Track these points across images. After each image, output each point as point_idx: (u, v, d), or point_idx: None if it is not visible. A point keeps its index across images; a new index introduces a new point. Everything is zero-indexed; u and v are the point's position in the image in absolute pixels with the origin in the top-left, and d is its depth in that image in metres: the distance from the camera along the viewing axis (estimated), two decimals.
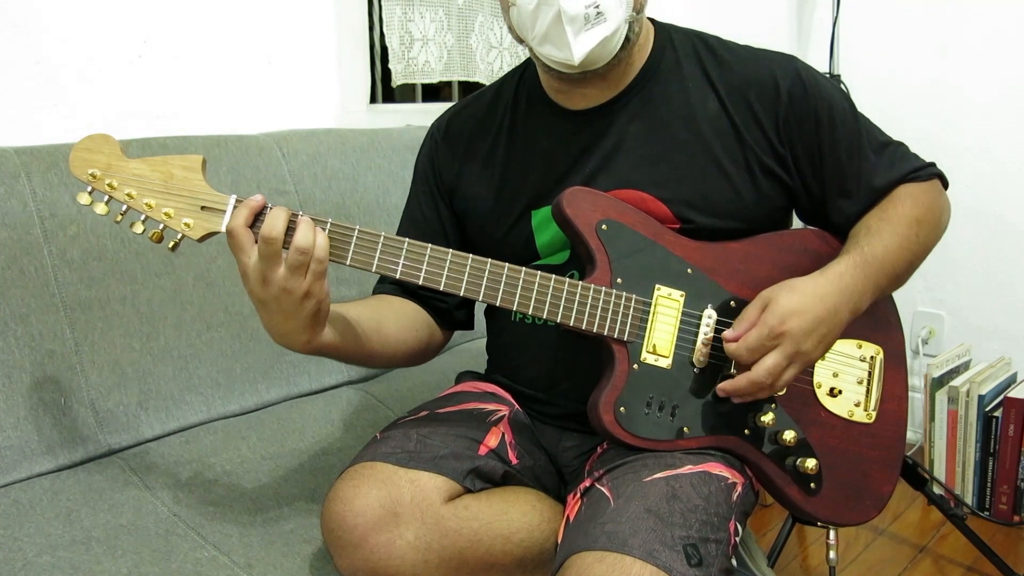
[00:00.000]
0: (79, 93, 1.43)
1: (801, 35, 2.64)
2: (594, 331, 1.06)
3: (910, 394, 1.30)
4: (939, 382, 2.19)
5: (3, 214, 1.20)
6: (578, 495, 1.06)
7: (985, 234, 2.38)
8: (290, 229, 0.96)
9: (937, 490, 2.15)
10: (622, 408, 1.06)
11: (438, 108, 1.51)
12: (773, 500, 1.17)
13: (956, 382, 2.17)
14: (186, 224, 0.98)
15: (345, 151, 1.61)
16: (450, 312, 1.27)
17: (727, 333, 1.07)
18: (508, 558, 1.06)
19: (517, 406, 1.25)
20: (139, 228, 0.99)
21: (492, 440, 1.15)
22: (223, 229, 0.98)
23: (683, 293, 1.10)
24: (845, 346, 1.17)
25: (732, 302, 1.12)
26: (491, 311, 1.30)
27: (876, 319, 1.20)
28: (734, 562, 1.04)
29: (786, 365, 1.05)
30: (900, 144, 1.24)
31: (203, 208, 0.98)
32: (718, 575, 0.95)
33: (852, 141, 1.18)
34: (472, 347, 1.77)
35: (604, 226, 1.09)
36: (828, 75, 2.30)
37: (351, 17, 1.82)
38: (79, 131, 1.40)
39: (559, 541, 1.03)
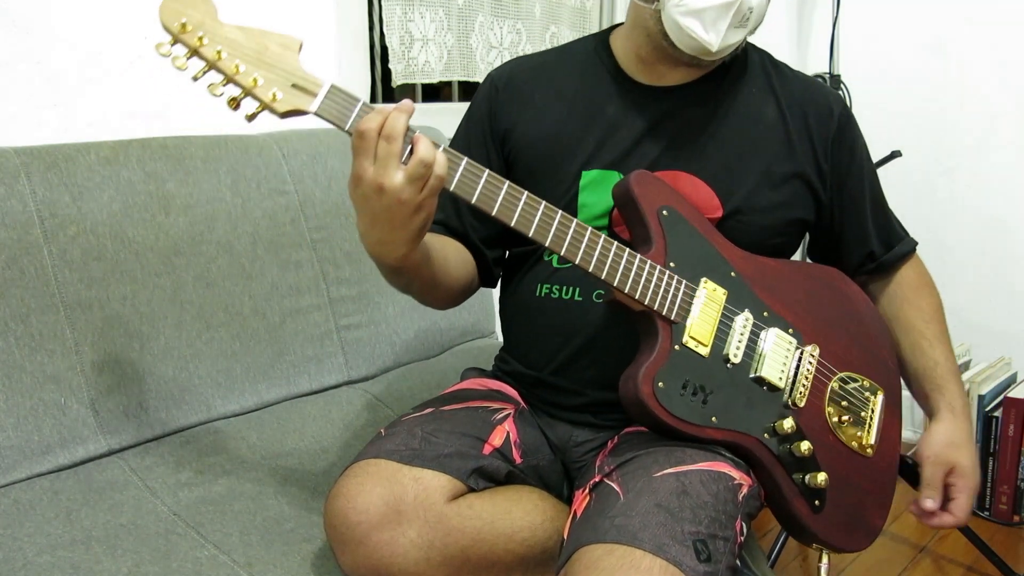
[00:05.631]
0: (79, 93, 1.43)
1: (801, 35, 2.64)
2: (645, 303, 1.08)
3: (911, 395, 1.32)
4: None
5: (3, 214, 1.20)
6: (587, 490, 1.06)
7: (985, 234, 2.38)
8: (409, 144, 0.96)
9: None
10: (660, 383, 1.06)
11: (438, 108, 1.51)
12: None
13: None
14: (274, 95, 0.94)
15: (345, 151, 1.61)
16: (490, 267, 1.29)
17: (928, 504, 1.23)
18: (511, 556, 1.07)
19: (523, 404, 1.25)
20: (218, 91, 0.94)
21: (497, 439, 1.15)
22: (312, 110, 0.96)
23: (726, 292, 1.13)
24: (853, 380, 1.21)
25: (765, 312, 1.16)
26: (514, 289, 1.28)
27: (882, 363, 1.26)
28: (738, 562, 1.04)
29: (970, 484, 1.22)
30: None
31: (294, 86, 0.95)
32: (725, 572, 0.96)
33: (873, 183, 1.30)
34: (473, 346, 1.78)
35: (664, 212, 1.13)
36: (828, 75, 2.30)
37: (351, 17, 1.82)
38: (79, 131, 1.41)
39: (565, 537, 1.03)
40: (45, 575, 1.03)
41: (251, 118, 0.96)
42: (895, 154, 1.94)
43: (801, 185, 1.22)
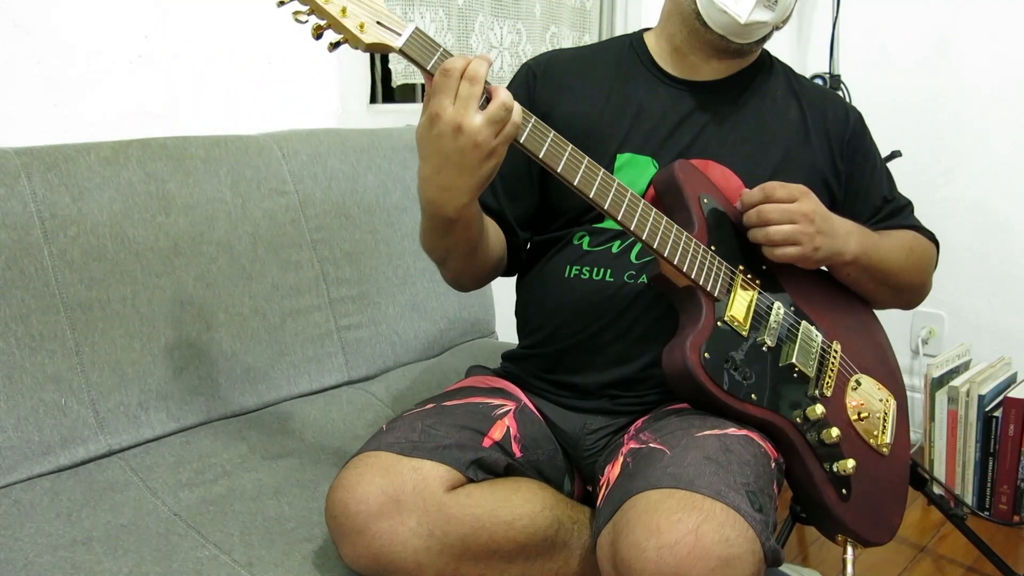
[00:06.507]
0: (79, 93, 1.43)
1: (801, 35, 2.64)
2: (691, 277, 1.11)
3: (910, 394, 1.33)
4: (939, 382, 2.19)
5: (3, 215, 1.20)
6: (620, 458, 1.08)
7: (985, 234, 2.39)
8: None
9: (937, 490, 2.15)
10: (707, 354, 1.08)
11: None
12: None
13: (956, 382, 2.17)
14: (361, 25, 0.94)
15: (345, 151, 1.61)
16: (519, 249, 1.30)
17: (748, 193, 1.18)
18: (510, 544, 1.07)
19: (526, 401, 1.26)
20: (302, 18, 0.95)
21: (497, 433, 1.16)
22: (397, 47, 0.96)
23: (759, 281, 1.18)
24: (870, 383, 1.24)
25: (792, 306, 1.20)
26: (539, 270, 1.28)
27: (891, 373, 1.30)
28: None
29: (795, 214, 1.14)
30: (911, 204, 1.40)
31: (379, 23, 0.95)
32: (772, 526, 0.98)
33: (891, 188, 1.36)
34: (474, 346, 1.78)
35: (705, 199, 1.18)
36: (828, 75, 2.30)
37: None
38: (79, 131, 1.41)
39: (599, 504, 1.04)
40: (46, 575, 1.03)
41: (333, 47, 0.96)
42: (895, 154, 1.94)
43: (818, 182, 1.26)
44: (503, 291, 1.42)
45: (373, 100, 1.94)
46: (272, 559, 1.10)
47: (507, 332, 1.68)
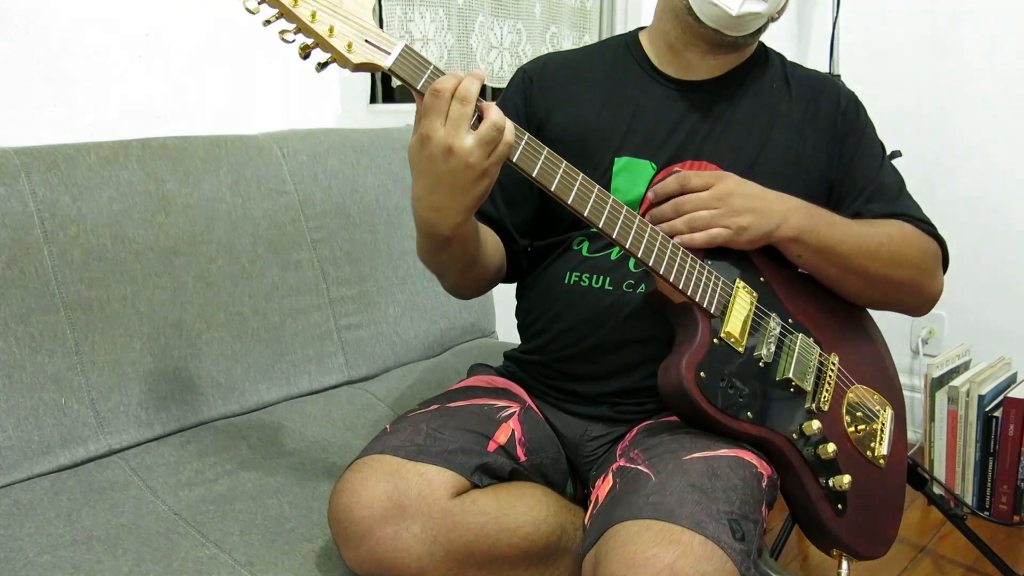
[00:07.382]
0: (79, 93, 1.43)
1: (801, 35, 2.64)
2: (688, 294, 1.10)
3: (911, 395, 1.32)
4: (939, 382, 2.19)
5: (3, 214, 1.20)
6: (609, 475, 1.07)
7: (985, 234, 2.39)
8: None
9: (937, 490, 2.15)
10: (702, 373, 1.08)
11: None
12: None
13: (956, 382, 2.17)
14: (349, 45, 0.93)
15: (345, 151, 1.62)
16: (519, 256, 1.29)
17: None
18: (514, 551, 1.07)
19: (530, 403, 1.26)
20: (289, 37, 0.93)
21: (501, 436, 1.15)
22: (386, 66, 0.95)
23: (756, 294, 1.17)
24: (868, 394, 1.24)
25: (790, 319, 1.19)
26: (538, 276, 1.28)
27: (889, 381, 1.29)
28: None
29: (710, 201, 1.14)
30: (903, 191, 1.34)
31: (367, 41, 0.94)
32: (755, 553, 0.97)
33: (886, 170, 1.30)
34: (474, 346, 1.78)
35: None
36: (828, 75, 2.30)
37: None
38: (79, 131, 1.41)
39: (587, 523, 1.03)
40: (46, 575, 1.03)
41: (321, 67, 0.96)
42: (895, 154, 1.94)
43: (815, 176, 1.25)
44: (503, 291, 1.42)
45: (373, 100, 1.94)
46: (272, 558, 1.10)
47: (507, 332, 1.68)
